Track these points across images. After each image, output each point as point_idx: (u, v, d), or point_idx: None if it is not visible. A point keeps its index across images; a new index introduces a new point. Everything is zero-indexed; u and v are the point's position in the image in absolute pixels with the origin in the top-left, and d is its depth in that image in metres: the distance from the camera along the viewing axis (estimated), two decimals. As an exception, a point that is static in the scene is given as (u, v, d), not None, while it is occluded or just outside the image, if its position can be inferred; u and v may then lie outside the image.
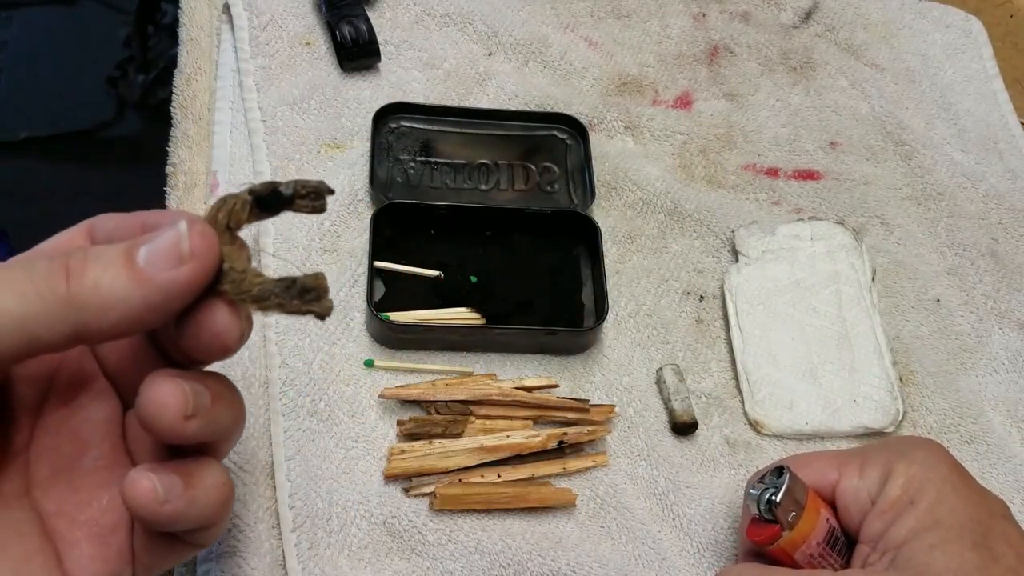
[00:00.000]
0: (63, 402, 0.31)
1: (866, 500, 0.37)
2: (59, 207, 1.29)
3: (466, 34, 0.59)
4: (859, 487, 0.37)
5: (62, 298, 0.26)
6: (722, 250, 0.54)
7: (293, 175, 0.50)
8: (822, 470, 0.38)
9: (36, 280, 0.26)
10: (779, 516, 0.36)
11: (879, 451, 0.38)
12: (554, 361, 0.47)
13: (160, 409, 0.27)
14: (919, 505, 0.35)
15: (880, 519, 0.36)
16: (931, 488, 0.35)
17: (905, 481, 0.36)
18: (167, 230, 0.27)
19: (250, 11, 0.55)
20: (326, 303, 0.28)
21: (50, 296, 0.26)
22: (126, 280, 0.26)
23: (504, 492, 0.42)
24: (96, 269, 0.26)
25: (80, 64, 1.41)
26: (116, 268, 0.26)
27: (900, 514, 0.35)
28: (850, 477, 0.37)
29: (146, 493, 0.28)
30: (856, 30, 0.66)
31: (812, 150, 0.59)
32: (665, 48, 0.62)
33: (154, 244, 0.27)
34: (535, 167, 0.54)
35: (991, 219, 0.58)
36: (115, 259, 0.27)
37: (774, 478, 0.37)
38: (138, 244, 0.27)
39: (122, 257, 0.27)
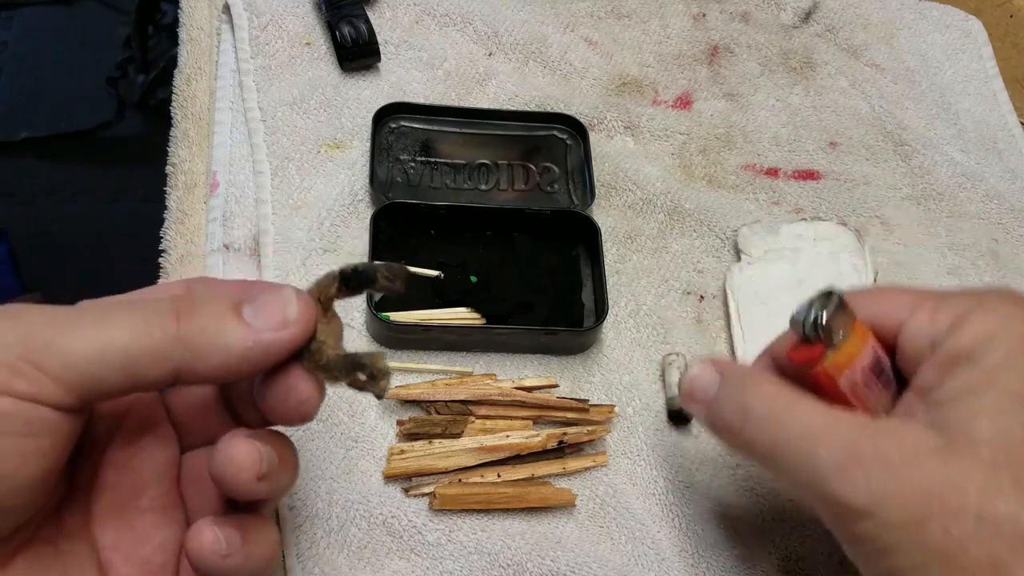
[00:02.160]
0: (129, 441, 0.32)
1: (927, 345, 0.33)
2: (59, 207, 1.29)
3: (466, 34, 0.59)
4: (923, 330, 0.33)
5: (171, 337, 0.27)
6: (722, 250, 0.54)
7: (293, 175, 0.51)
8: (893, 306, 0.34)
9: (148, 317, 0.27)
10: (824, 336, 0.32)
11: (960, 296, 0.33)
12: (554, 361, 0.47)
13: (238, 469, 0.29)
14: (980, 363, 0.31)
15: (935, 369, 0.32)
16: (1000, 347, 0.31)
17: (975, 334, 0.31)
18: (273, 293, 0.29)
19: (250, 11, 0.55)
20: (382, 384, 0.30)
21: (160, 334, 0.27)
22: (233, 330, 0.28)
23: (504, 492, 0.42)
24: (206, 314, 0.28)
25: (80, 64, 1.41)
26: (225, 318, 0.29)
27: (956, 367, 0.31)
28: (919, 319, 0.33)
29: (210, 544, 0.29)
30: (856, 30, 0.66)
31: (812, 150, 0.59)
32: (665, 48, 0.62)
33: (261, 303, 0.29)
34: (535, 167, 0.54)
35: (991, 219, 0.58)
36: (225, 310, 0.29)
37: (823, 299, 0.33)
38: (244, 301, 0.29)
39: (231, 309, 0.29)
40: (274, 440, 0.31)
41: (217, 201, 0.50)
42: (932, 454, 0.30)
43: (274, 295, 0.29)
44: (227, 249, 0.48)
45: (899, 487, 0.29)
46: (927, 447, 0.30)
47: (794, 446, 0.32)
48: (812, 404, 0.32)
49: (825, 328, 0.33)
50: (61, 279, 1.21)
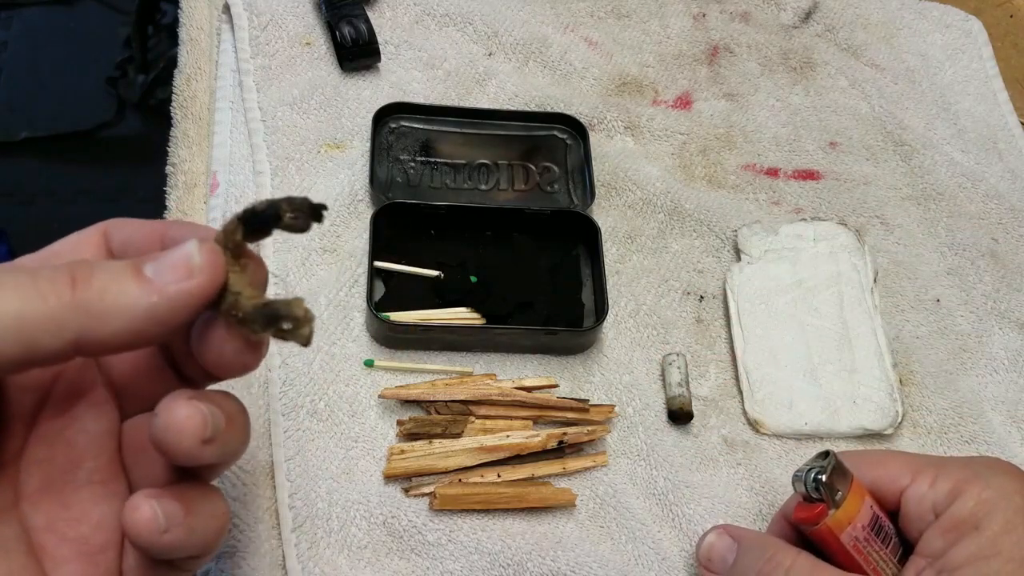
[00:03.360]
0: (60, 411, 0.30)
1: (929, 511, 0.36)
2: (59, 207, 1.29)
3: (466, 34, 0.59)
4: (925, 496, 0.36)
5: (66, 303, 0.25)
6: (722, 250, 0.54)
7: (293, 175, 0.51)
8: (895, 472, 0.37)
9: (40, 283, 0.25)
10: (825, 494, 0.35)
11: (957, 466, 0.37)
12: (554, 361, 0.47)
13: (179, 434, 0.27)
14: (984, 532, 0.34)
15: (942, 537, 0.35)
16: (1000, 516, 0.34)
17: (975, 504, 0.35)
18: (175, 248, 0.27)
19: (250, 11, 0.55)
20: (303, 332, 0.27)
21: (54, 300, 0.25)
22: (133, 288, 0.26)
23: (504, 492, 0.42)
24: (103, 277, 0.26)
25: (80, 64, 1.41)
26: (124, 277, 0.26)
27: (963, 536, 0.34)
28: (920, 485, 0.36)
29: (148, 521, 0.27)
30: (856, 30, 0.66)
31: (812, 150, 0.59)
32: (665, 48, 0.62)
33: (164, 258, 0.27)
34: (535, 167, 0.54)
35: (991, 219, 0.58)
36: (123, 269, 0.27)
37: (820, 460, 0.36)
38: (146, 260, 0.27)
39: (130, 268, 0.27)
40: (220, 400, 0.29)
41: (217, 201, 0.50)
42: None
43: (176, 249, 0.27)
44: (227, 249, 0.48)
45: None
46: None
47: None
48: (831, 571, 0.35)
49: (826, 486, 0.36)
50: (61, 279, 1.21)
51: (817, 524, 0.36)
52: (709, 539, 0.40)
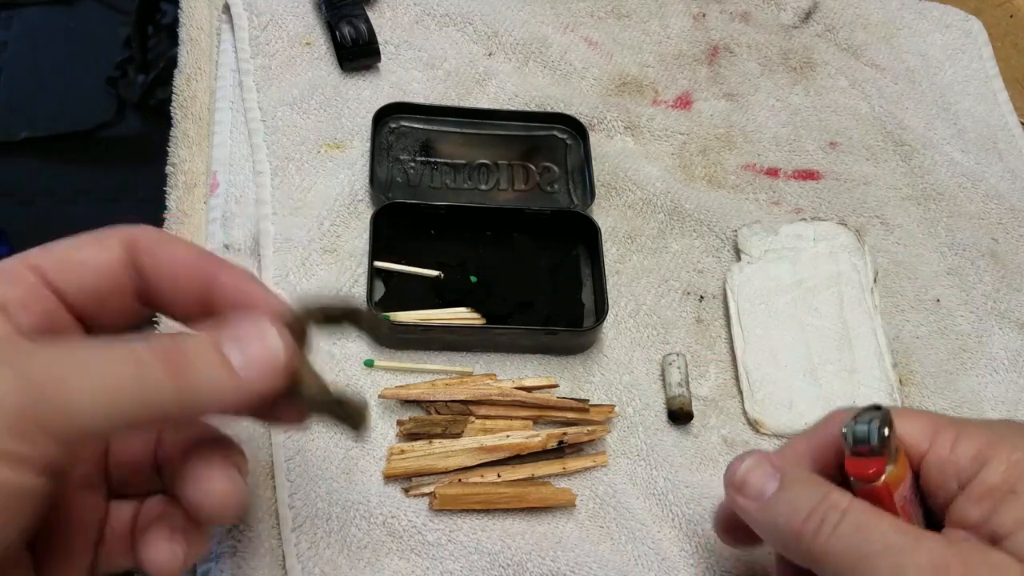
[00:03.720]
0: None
1: (952, 479, 0.34)
2: (59, 207, 1.29)
3: (466, 34, 0.59)
4: (947, 462, 0.34)
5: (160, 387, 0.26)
6: (722, 250, 0.54)
7: (293, 175, 0.51)
8: (914, 435, 0.35)
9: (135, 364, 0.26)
10: (888, 449, 0.33)
11: (977, 430, 0.35)
12: (554, 361, 0.47)
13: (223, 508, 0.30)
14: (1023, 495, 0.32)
15: (977, 505, 0.33)
16: None
17: (1007, 468, 0.33)
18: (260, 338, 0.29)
19: (250, 11, 0.55)
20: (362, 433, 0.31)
21: (149, 383, 0.26)
22: (224, 382, 0.28)
23: (504, 492, 0.42)
24: (197, 365, 0.27)
25: (80, 64, 1.41)
26: (217, 369, 0.28)
27: (1001, 503, 0.32)
28: (940, 450, 0.34)
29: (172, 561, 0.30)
30: (856, 30, 0.66)
31: (812, 150, 0.59)
32: (665, 48, 0.62)
33: (250, 352, 0.29)
34: (535, 167, 0.54)
35: (991, 219, 0.58)
36: (214, 360, 0.28)
37: (872, 411, 0.34)
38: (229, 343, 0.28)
39: (219, 356, 0.28)
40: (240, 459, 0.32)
41: (217, 201, 0.50)
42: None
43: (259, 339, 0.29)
44: (227, 249, 0.48)
45: None
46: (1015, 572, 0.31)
47: (879, 560, 0.32)
48: (891, 519, 0.33)
49: (888, 441, 0.33)
50: (61, 279, 1.21)
51: (876, 481, 0.33)
52: (747, 464, 0.36)
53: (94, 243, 0.31)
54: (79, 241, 0.31)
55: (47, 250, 0.30)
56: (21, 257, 0.29)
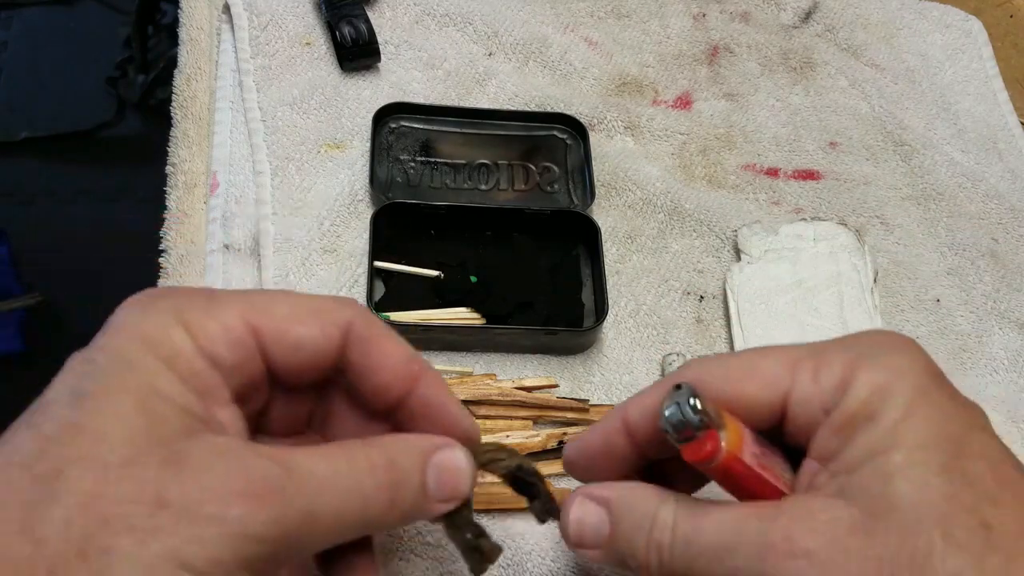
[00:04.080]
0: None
1: (818, 410, 0.30)
2: (59, 207, 1.29)
3: (466, 34, 0.59)
4: (812, 395, 0.30)
5: (379, 516, 0.29)
6: (722, 250, 0.54)
7: (293, 175, 0.51)
8: (770, 376, 0.31)
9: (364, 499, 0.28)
10: (711, 418, 0.30)
11: (839, 350, 0.31)
12: (554, 361, 0.47)
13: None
14: (880, 421, 0.29)
15: (835, 436, 0.30)
16: (897, 400, 0.29)
17: (868, 392, 0.29)
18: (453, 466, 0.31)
19: (250, 11, 0.55)
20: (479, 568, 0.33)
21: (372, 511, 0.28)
22: (421, 510, 0.30)
23: (504, 492, 0.42)
24: (411, 499, 0.29)
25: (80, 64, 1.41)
26: (420, 497, 0.30)
27: (857, 431, 0.29)
28: (802, 383, 0.31)
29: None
30: (856, 30, 0.66)
31: (812, 150, 0.59)
32: (665, 48, 0.62)
33: (444, 480, 0.30)
34: (535, 167, 0.54)
35: (991, 219, 0.58)
36: (419, 487, 0.30)
37: (676, 393, 0.30)
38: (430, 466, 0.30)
39: (422, 483, 0.30)
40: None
41: (217, 201, 0.50)
42: (852, 531, 0.28)
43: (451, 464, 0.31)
44: (227, 249, 0.48)
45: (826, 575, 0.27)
46: (845, 524, 0.28)
47: (709, 561, 0.30)
48: (716, 512, 0.30)
49: (707, 413, 0.30)
50: (61, 279, 1.21)
51: (717, 456, 0.30)
52: (574, 514, 0.33)
53: (316, 323, 0.30)
54: (302, 312, 0.30)
55: (268, 313, 0.29)
56: (243, 311, 0.29)
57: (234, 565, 0.25)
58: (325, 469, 0.27)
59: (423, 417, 0.32)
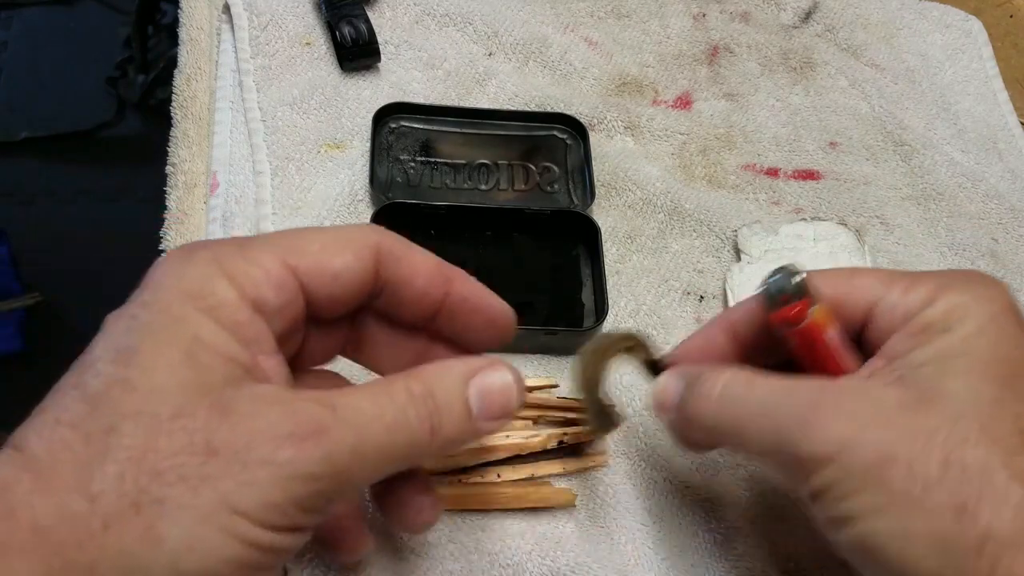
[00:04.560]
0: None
1: (900, 317, 0.33)
2: (59, 207, 1.29)
3: (466, 34, 0.59)
4: (897, 304, 0.33)
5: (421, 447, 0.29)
6: (722, 250, 0.54)
7: (293, 175, 0.50)
8: (866, 286, 0.35)
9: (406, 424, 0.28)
10: (808, 290, 0.34)
11: (932, 277, 0.34)
12: (554, 361, 0.47)
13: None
14: (954, 332, 0.31)
15: (908, 339, 0.32)
16: (973, 320, 0.31)
17: (948, 307, 0.32)
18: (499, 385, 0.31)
19: (250, 11, 0.55)
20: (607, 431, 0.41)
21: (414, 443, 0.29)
22: (468, 434, 0.30)
23: (504, 492, 0.42)
24: (450, 423, 0.29)
25: (80, 64, 1.41)
26: (464, 423, 0.30)
27: (930, 337, 0.32)
28: (892, 295, 0.34)
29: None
30: (856, 30, 0.66)
31: (812, 150, 0.59)
32: (665, 48, 0.62)
33: (489, 395, 0.31)
34: (535, 167, 0.54)
35: (991, 219, 0.58)
36: (463, 414, 0.30)
37: (781, 270, 0.35)
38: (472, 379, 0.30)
39: (466, 410, 0.30)
40: None
41: (217, 201, 0.50)
42: (899, 406, 0.30)
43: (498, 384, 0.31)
44: (227, 249, 0.48)
45: (862, 434, 0.30)
46: (893, 400, 0.31)
47: (756, 416, 0.33)
48: (768, 377, 0.33)
49: (805, 286, 0.34)
50: (61, 279, 1.21)
51: (803, 320, 0.34)
52: (659, 383, 0.38)
53: (349, 251, 0.31)
54: (334, 244, 0.31)
55: (302, 251, 0.30)
56: (280, 254, 0.29)
57: (287, 506, 0.25)
58: (368, 405, 0.28)
59: (464, 312, 0.33)
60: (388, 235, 0.32)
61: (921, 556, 0.28)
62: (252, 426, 0.25)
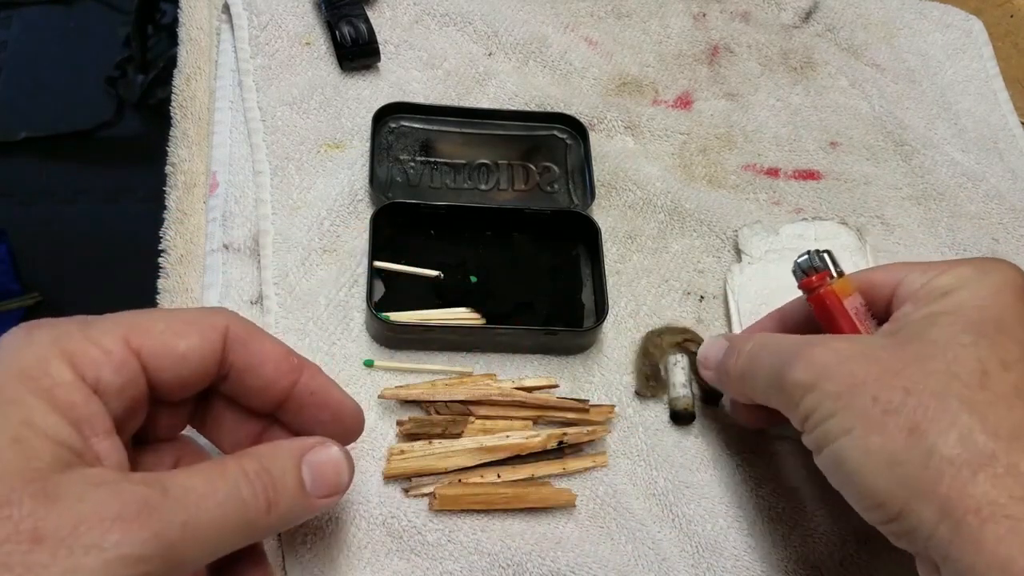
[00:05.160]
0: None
1: (916, 290, 0.36)
2: (59, 207, 1.29)
3: (466, 34, 0.59)
4: (917, 280, 0.36)
5: (258, 522, 0.29)
6: (722, 250, 0.53)
7: (293, 175, 0.50)
8: (896, 269, 0.38)
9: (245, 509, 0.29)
10: (829, 265, 0.39)
11: (953, 260, 0.37)
12: (554, 361, 0.47)
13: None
14: (952, 296, 0.34)
15: (914, 304, 0.35)
16: (973, 287, 0.34)
17: (954, 277, 0.35)
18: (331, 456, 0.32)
19: (250, 11, 0.55)
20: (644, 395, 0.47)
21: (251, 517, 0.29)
22: (304, 511, 0.32)
23: (504, 492, 0.42)
24: (289, 505, 0.31)
25: (80, 64, 1.41)
26: (300, 500, 0.31)
27: (932, 300, 0.35)
28: (914, 273, 0.37)
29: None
30: (856, 30, 0.66)
31: (812, 150, 0.59)
32: (665, 48, 0.62)
33: (321, 470, 0.32)
34: (535, 167, 0.54)
35: (991, 219, 0.58)
36: (298, 491, 0.31)
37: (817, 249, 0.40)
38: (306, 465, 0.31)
39: (301, 487, 0.31)
40: None
41: (217, 201, 0.50)
42: (880, 348, 0.34)
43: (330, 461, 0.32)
44: (227, 249, 0.48)
45: (840, 365, 0.33)
46: (877, 344, 0.34)
47: (766, 357, 0.37)
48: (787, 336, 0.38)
49: (828, 258, 0.39)
50: (61, 279, 1.21)
51: (820, 287, 0.39)
52: (705, 344, 0.44)
53: (195, 333, 0.31)
54: (180, 325, 0.31)
55: (147, 331, 0.30)
56: (123, 333, 0.29)
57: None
58: (200, 483, 0.28)
59: (310, 406, 0.34)
60: (238, 320, 0.33)
61: (878, 472, 0.31)
62: (79, 510, 0.25)
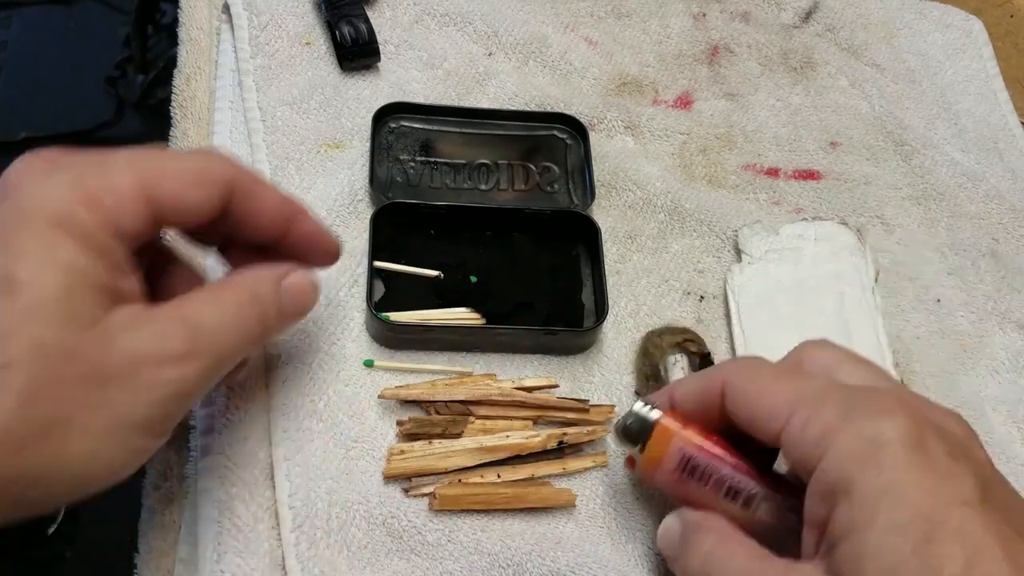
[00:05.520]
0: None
1: (800, 459, 0.33)
2: (59, 207, 1.29)
3: (466, 34, 0.59)
4: (797, 443, 0.33)
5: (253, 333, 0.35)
6: (722, 250, 0.53)
7: (293, 175, 0.50)
8: (775, 408, 0.34)
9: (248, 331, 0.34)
10: (638, 440, 0.38)
11: (833, 404, 0.33)
12: (554, 361, 0.47)
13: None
14: (854, 496, 0.30)
15: (819, 504, 0.32)
16: (874, 472, 0.30)
17: (844, 461, 0.31)
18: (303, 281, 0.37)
19: (250, 11, 0.55)
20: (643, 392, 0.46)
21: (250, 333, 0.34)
22: (278, 324, 0.36)
23: (504, 492, 0.42)
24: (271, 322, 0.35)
25: (80, 64, 1.41)
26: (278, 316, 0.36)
27: (837, 502, 0.31)
28: (793, 427, 0.33)
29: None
30: (856, 30, 0.66)
31: (812, 150, 0.59)
32: (665, 48, 0.62)
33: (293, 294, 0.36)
34: (535, 167, 0.54)
35: (991, 219, 0.58)
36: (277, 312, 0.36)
37: (630, 412, 0.39)
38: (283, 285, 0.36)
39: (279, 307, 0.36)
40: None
41: (217, 201, 0.50)
42: None
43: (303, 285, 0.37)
44: (227, 249, 0.48)
45: None
46: None
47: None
48: (745, 552, 0.34)
49: (624, 433, 0.39)
50: (61, 279, 1.21)
51: (634, 468, 0.40)
52: (663, 525, 0.39)
53: (204, 186, 0.34)
54: (191, 177, 0.34)
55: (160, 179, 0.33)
56: (138, 180, 0.32)
57: (169, 417, 0.31)
58: (217, 318, 0.33)
59: (302, 244, 0.38)
60: (241, 170, 0.36)
61: None
62: (134, 350, 0.30)
